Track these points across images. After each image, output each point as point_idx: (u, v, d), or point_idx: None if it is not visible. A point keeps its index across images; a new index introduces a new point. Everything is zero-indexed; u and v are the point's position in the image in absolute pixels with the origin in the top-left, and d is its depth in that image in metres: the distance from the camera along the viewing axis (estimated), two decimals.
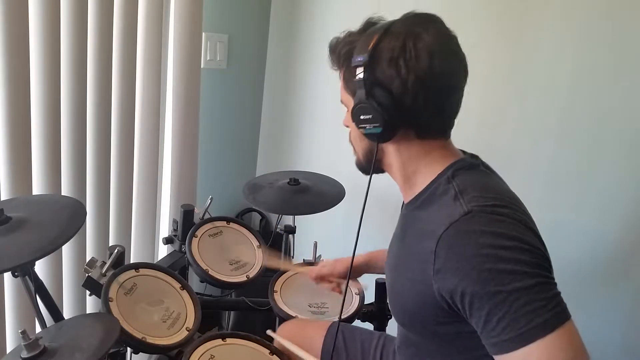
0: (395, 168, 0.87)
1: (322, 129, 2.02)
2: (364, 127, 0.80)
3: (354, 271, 1.26)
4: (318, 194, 1.47)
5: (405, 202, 0.91)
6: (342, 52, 0.85)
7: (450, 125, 0.85)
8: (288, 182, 1.46)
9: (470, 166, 0.84)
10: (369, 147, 0.88)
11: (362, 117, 0.80)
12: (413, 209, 0.86)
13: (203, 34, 1.76)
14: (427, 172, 0.84)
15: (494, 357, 0.70)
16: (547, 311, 0.66)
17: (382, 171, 0.92)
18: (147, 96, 1.60)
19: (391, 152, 0.85)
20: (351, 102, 0.83)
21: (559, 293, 0.69)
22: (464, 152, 0.89)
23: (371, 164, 0.87)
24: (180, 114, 1.70)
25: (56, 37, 1.27)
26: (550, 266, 0.73)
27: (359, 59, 0.78)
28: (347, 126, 0.94)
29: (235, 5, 1.93)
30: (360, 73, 0.78)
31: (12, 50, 1.17)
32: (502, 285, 0.67)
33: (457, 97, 0.82)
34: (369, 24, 0.84)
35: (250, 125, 2.19)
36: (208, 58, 1.84)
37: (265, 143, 2.24)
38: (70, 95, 1.34)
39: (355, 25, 0.86)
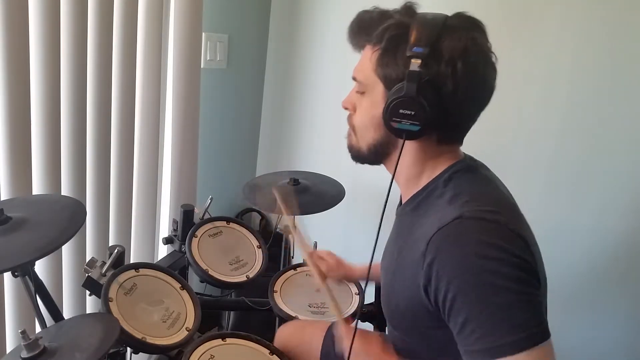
0: (403, 166, 0.84)
1: (322, 129, 2.02)
2: (399, 122, 0.75)
3: (349, 278, 1.27)
4: (318, 194, 1.47)
5: (402, 203, 0.91)
6: (388, 33, 0.78)
7: (466, 132, 0.84)
8: (288, 182, 1.46)
9: (468, 169, 0.83)
10: (383, 140, 0.83)
11: (401, 111, 0.74)
12: (409, 211, 0.86)
13: (203, 34, 1.75)
14: (429, 174, 0.83)
15: None
16: (521, 330, 0.65)
17: (378, 163, 0.89)
18: (147, 96, 1.60)
19: (406, 150, 0.81)
20: (377, 86, 0.80)
21: (542, 313, 0.68)
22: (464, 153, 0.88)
23: (373, 155, 0.85)
24: (180, 114, 1.70)
25: (56, 37, 1.27)
26: (539, 281, 0.71)
27: (418, 49, 0.73)
28: (347, 108, 0.89)
29: (235, 5, 1.93)
30: (416, 65, 0.72)
31: (12, 50, 1.17)
32: (482, 296, 0.67)
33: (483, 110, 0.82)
34: (411, 9, 0.80)
35: (250, 125, 2.19)
36: (208, 58, 1.84)
37: (265, 143, 2.24)
38: (70, 95, 1.34)
39: None
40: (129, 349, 1.05)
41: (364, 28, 0.84)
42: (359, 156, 0.89)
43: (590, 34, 1.39)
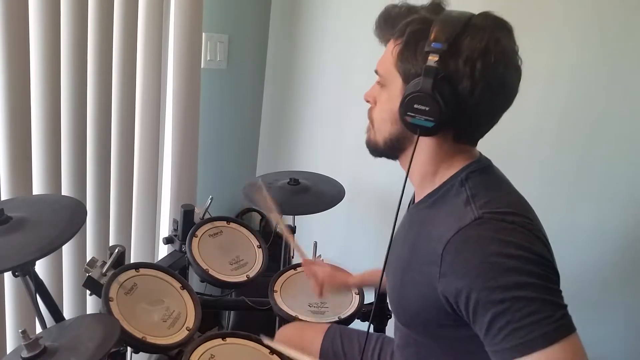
0: (418, 163, 0.83)
1: (322, 129, 2.02)
2: (413, 117, 0.76)
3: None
4: (318, 194, 1.47)
5: (415, 201, 0.90)
6: (410, 28, 0.78)
7: (485, 133, 0.84)
8: (288, 182, 1.46)
9: (483, 169, 0.82)
10: (399, 135, 0.83)
11: (416, 106, 0.75)
12: (423, 209, 0.85)
13: (203, 34, 1.75)
14: (445, 173, 0.83)
15: None
16: (549, 323, 0.65)
17: (395, 158, 0.89)
18: (147, 96, 1.60)
19: (421, 146, 0.81)
20: (396, 80, 0.80)
21: (565, 306, 0.68)
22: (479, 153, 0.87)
23: (389, 149, 0.85)
24: (180, 114, 1.70)
25: (56, 37, 1.27)
26: (558, 278, 0.72)
27: (437, 45, 0.73)
28: (369, 101, 0.89)
29: (235, 5, 1.93)
30: (433, 61, 0.73)
31: (12, 50, 1.17)
32: (507, 294, 0.67)
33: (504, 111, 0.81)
34: (439, 7, 0.81)
35: (250, 125, 2.19)
36: (208, 58, 1.84)
37: (265, 143, 2.24)
38: (70, 95, 1.34)
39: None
40: (129, 349, 1.05)
41: (390, 22, 0.84)
42: (376, 150, 0.89)
43: (590, 34, 1.39)
